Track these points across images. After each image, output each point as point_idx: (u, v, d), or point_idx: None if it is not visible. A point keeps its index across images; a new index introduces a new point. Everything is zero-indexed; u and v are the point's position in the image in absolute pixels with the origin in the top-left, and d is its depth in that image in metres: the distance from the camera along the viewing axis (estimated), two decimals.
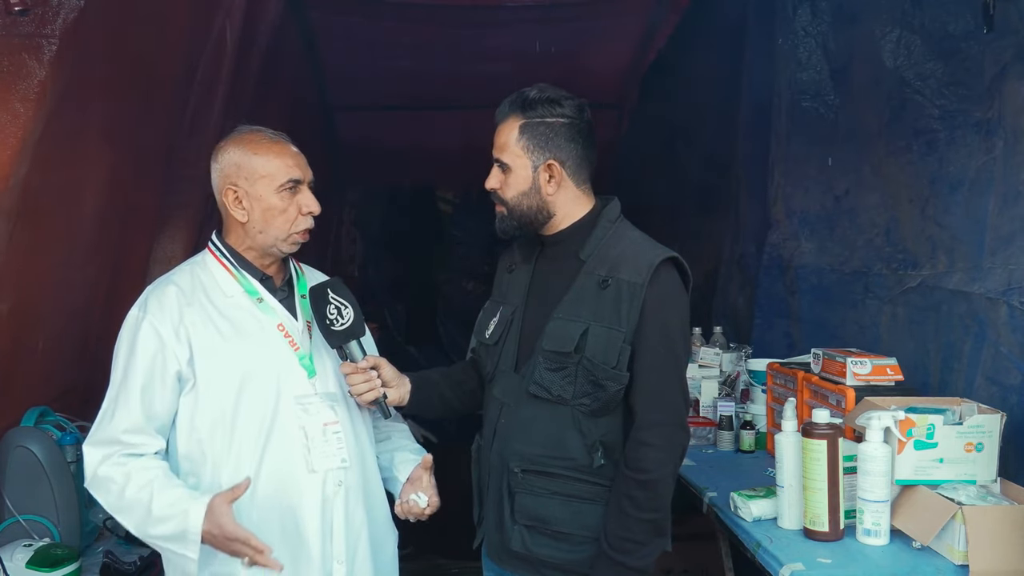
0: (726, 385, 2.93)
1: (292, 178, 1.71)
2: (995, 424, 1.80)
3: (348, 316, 1.70)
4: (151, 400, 1.62)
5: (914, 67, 2.38)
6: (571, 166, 1.75)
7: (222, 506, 1.54)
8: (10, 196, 1.84)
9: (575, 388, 1.67)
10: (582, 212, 1.78)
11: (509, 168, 1.75)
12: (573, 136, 1.74)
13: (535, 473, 1.70)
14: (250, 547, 1.55)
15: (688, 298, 1.74)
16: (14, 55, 1.78)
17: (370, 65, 4.55)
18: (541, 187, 1.74)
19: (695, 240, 4.20)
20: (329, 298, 1.70)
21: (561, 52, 4.40)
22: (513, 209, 1.77)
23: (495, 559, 1.81)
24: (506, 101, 1.77)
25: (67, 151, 2.06)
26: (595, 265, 1.71)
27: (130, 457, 1.62)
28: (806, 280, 2.99)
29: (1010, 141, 2.01)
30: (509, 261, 1.90)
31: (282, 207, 1.70)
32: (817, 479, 1.78)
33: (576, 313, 1.69)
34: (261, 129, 1.76)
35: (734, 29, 3.59)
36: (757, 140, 3.28)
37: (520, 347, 1.78)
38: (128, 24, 2.19)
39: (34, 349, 2.17)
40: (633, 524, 1.63)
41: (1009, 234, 2.00)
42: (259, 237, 1.72)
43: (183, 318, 1.65)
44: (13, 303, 1.99)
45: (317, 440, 1.68)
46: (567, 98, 1.74)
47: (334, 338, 1.71)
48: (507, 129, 1.75)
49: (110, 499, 1.61)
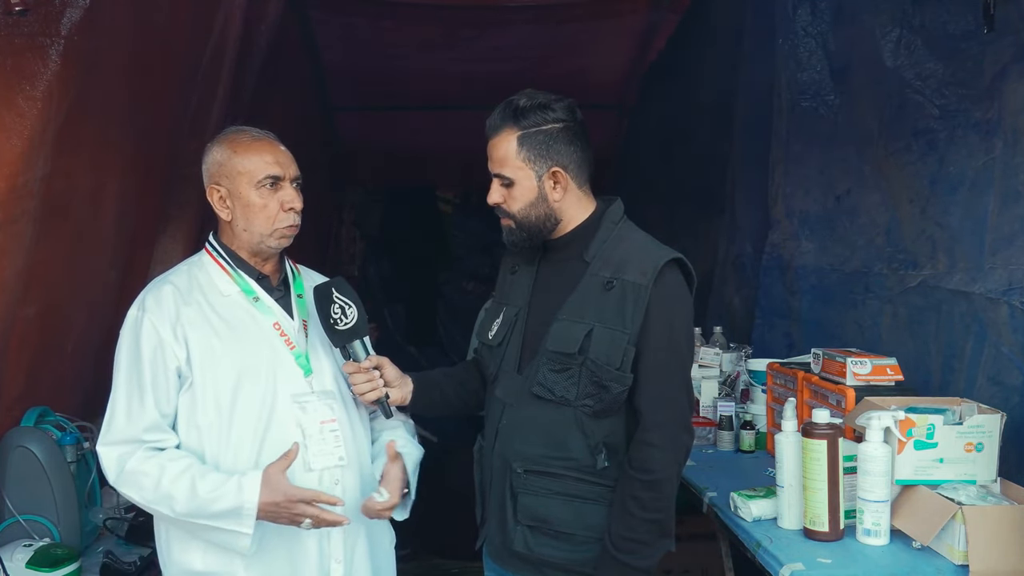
0: (726, 385, 2.93)
1: (270, 174, 1.70)
2: (995, 424, 1.80)
3: (352, 316, 1.70)
4: (160, 396, 1.63)
5: (914, 67, 2.38)
6: (573, 169, 1.74)
7: (277, 475, 1.55)
8: (29, 198, 1.85)
9: (578, 389, 1.67)
10: (585, 214, 1.78)
11: (513, 182, 1.73)
12: (571, 139, 1.73)
13: (537, 473, 1.70)
14: (322, 501, 1.55)
15: (692, 299, 1.73)
16: (17, 55, 1.79)
17: (370, 65, 4.55)
18: (548, 195, 1.73)
19: (693, 240, 4.19)
20: (333, 297, 1.70)
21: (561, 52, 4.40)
22: (522, 221, 1.75)
23: (497, 560, 1.81)
24: (495, 113, 1.74)
25: (89, 155, 2.08)
26: (599, 267, 1.71)
27: (155, 451, 1.61)
28: (806, 280, 2.99)
29: (1010, 141, 2.01)
30: (512, 262, 1.90)
31: (262, 203, 1.70)
32: (817, 479, 1.78)
33: (580, 314, 1.69)
34: (246, 128, 1.76)
35: (734, 29, 3.59)
36: (757, 140, 3.28)
37: (523, 348, 1.78)
38: (131, 25, 2.20)
39: (63, 352, 2.18)
40: (638, 524, 1.63)
41: (1010, 234, 2.00)
42: (244, 235, 1.72)
43: (180, 317, 1.66)
44: (42, 306, 2.00)
45: (314, 438, 1.68)
46: (557, 101, 1.73)
47: (337, 337, 1.71)
48: (503, 142, 1.72)
49: (145, 493, 1.59)
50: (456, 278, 7.78)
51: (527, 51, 4.34)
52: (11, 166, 1.78)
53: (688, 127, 4.32)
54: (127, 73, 2.24)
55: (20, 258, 1.87)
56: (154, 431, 1.62)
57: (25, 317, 1.94)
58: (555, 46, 4.33)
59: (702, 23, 4.10)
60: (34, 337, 1.99)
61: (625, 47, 4.62)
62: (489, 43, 4.29)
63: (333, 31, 4.21)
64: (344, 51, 4.43)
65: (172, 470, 1.58)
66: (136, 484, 1.60)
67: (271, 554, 1.65)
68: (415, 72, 4.61)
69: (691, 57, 4.26)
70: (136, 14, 2.21)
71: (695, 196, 4.23)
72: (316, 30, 4.19)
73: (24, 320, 1.94)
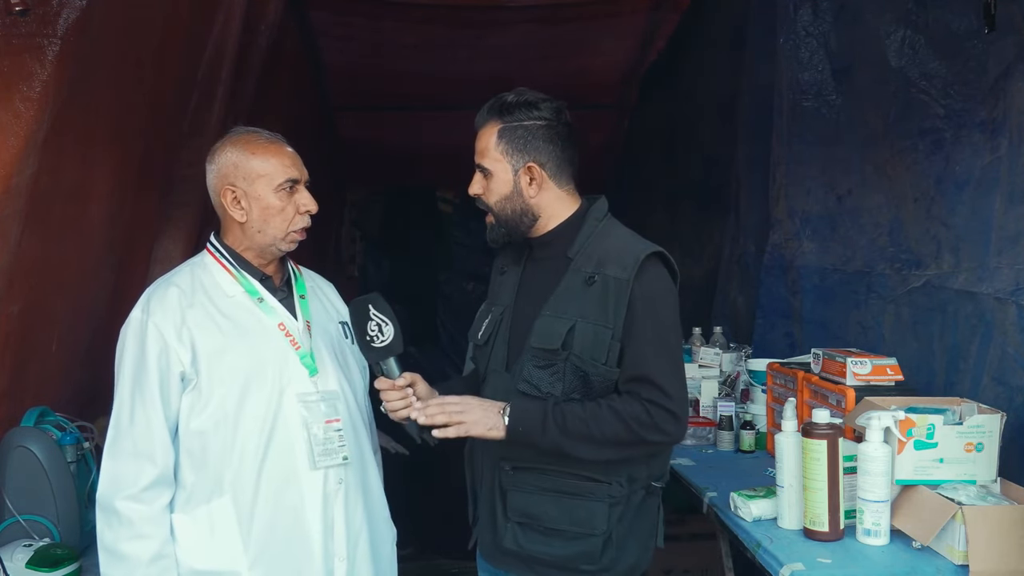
0: (726, 385, 2.93)
1: (290, 178, 1.73)
2: (995, 424, 1.80)
3: (388, 333, 1.69)
4: (167, 400, 1.63)
5: (918, 66, 2.38)
6: (551, 167, 1.76)
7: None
8: (19, 198, 1.85)
9: (564, 385, 1.68)
10: (568, 212, 1.79)
11: (490, 173, 1.76)
12: (551, 138, 1.75)
13: (525, 470, 1.71)
14: None
15: (677, 291, 1.74)
16: (15, 56, 1.79)
17: (370, 65, 4.55)
18: (523, 190, 1.75)
19: (696, 240, 4.19)
20: (370, 314, 1.69)
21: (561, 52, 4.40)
22: (498, 214, 1.78)
23: (489, 559, 1.82)
24: (485, 106, 1.78)
25: (76, 153, 2.07)
26: (582, 262, 1.72)
27: (146, 520, 1.61)
28: (808, 280, 2.99)
29: (1015, 140, 2.00)
30: (501, 263, 1.92)
31: (280, 206, 1.72)
32: (817, 479, 1.78)
33: (563, 310, 1.69)
34: (257, 130, 1.77)
35: (735, 29, 3.59)
36: (758, 140, 3.28)
37: (510, 346, 1.79)
38: (130, 25, 2.19)
39: (47, 351, 2.18)
40: (607, 425, 1.61)
41: (1015, 233, 1.99)
42: (257, 236, 1.73)
43: (185, 319, 1.66)
44: (25, 304, 1.99)
45: (319, 437, 1.69)
46: (545, 101, 1.76)
47: (372, 354, 1.70)
48: (486, 134, 1.77)
49: (106, 542, 1.62)
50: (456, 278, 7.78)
51: (527, 51, 4.33)
52: (7, 167, 1.78)
53: (690, 127, 4.32)
54: (122, 72, 2.24)
55: (4, 256, 1.87)
56: (156, 454, 1.62)
57: (8, 315, 1.94)
58: (555, 46, 4.33)
59: (703, 23, 4.10)
60: (17, 335, 1.99)
61: (625, 47, 4.61)
62: (489, 43, 4.29)
63: (333, 31, 4.21)
64: (344, 51, 4.43)
65: (144, 558, 1.59)
66: (109, 527, 1.62)
67: (275, 552, 1.66)
68: (415, 72, 4.61)
69: (692, 57, 4.25)
70: (134, 14, 2.21)
71: (699, 196, 4.23)
72: (316, 30, 4.19)
73: (7, 318, 1.94)
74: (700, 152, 4.20)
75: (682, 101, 4.42)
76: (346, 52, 4.44)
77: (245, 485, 1.64)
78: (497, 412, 1.65)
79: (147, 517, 1.61)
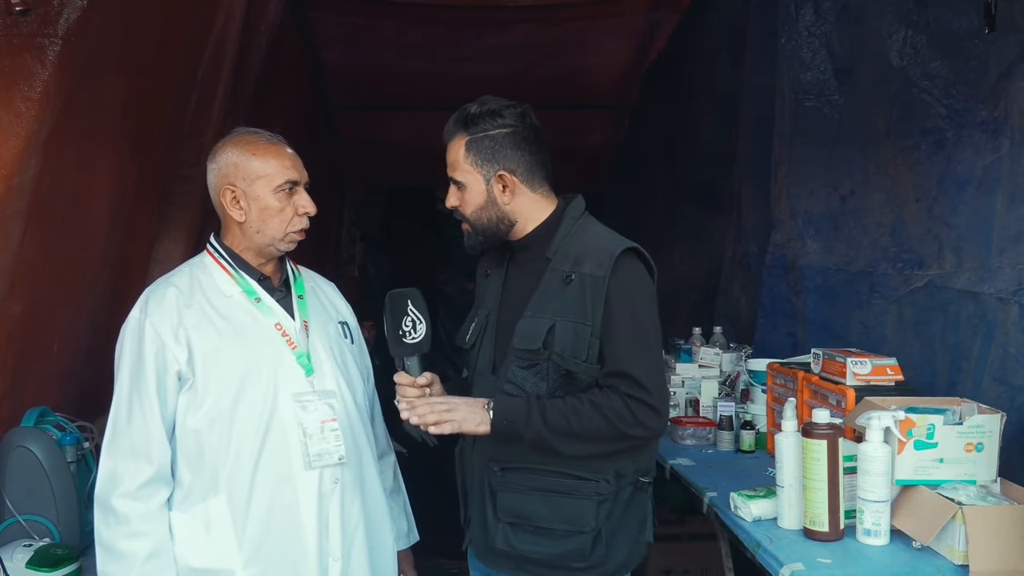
0: (726, 385, 2.93)
1: (289, 179, 1.73)
2: (995, 424, 1.80)
3: (420, 332, 1.71)
4: (164, 399, 1.64)
5: (920, 66, 2.38)
6: (522, 173, 1.77)
7: None
8: (21, 197, 1.85)
9: (548, 384, 1.69)
10: (545, 214, 1.80)
11: (463, 185, 1.78)
12: (518, 144, 1.76)
13: (514, 471, 1.72)
14: None
15: (654, 286, 1.74)
16: (16, 55, 1.79)
17: (370, 65, 4.56)
18: (496, 198, 1.76)
19: (697, 240, 4.19)
20: (408, 309, 1.70)
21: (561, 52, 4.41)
22: (475, 224, 1.80)
23: (481, 559, 1.83)
24: (451, 119, 1.80)
25: (77, 153, 2.07)
26: (560, 261, 1.73)
27: (143, 518, 1.61)
28: (811, 280, 2.99)
29: (1017, 140, 2.01)
30: (485, 267, 1.93)
31: (279, 207, 1.73)
32: (817, 479, 1.78)
33: (543, 310, 1.70)
34: (258, 131, 1.78)
35: (735, 28, 3.59)
36: (760, 140, 3.28)
37: (496, 349, 1.80)
38: (130, 25, 2.20)
39: (49, 351, 2.18)
40: (587, 420, 1.62)
41: (1017, 233, 1.99)
42: (256, 237, 1.74)
43: (182, 320, 1.67)
44: (27, 304, 1.99)
45: (315, 437, 1.70)
46: (508, 107, 1.76)
47: (400, 348, 1.71)
48: (454, 148, 1.78)
49: (103, 539, 1.63)
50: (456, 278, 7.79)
51: (527, 51, 4.34)
52: (8, 167, 1.78)
53: (691, 127, 4.32)
54: (122, 72, 2.24)
55: (6, 256, 1.87)
56: (153, 452, 1.63)
57: (10, 315, 1.94)
58: (555, 46, 4.33)
59: (703, 23, 4.10)
60: (19, 335, 1.99)
61: (625, 47, 4.62)
62: (489, 43, 4.29)
63: (333, 31, 4.22)
64: (344, 51, 4.44)
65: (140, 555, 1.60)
66: (106, 524, 1.62)
67: (270, 551, 1.66)
68: (415, 72, 4.62)
69: (692, 57, 4.25)
70: (135, 14, 2.21)
71: (699, 196, 4.23)
72: (316, 30, 4.19)
73: (9, 318, 1.94)
74: (700, 152, 4.20)
75: (682, 101, 4.41)
76: (346, 52, 4.44)
77: (240, 484, 1.65)
78: (482, 407, 1.67)
79: (144, 515, 1.61)
